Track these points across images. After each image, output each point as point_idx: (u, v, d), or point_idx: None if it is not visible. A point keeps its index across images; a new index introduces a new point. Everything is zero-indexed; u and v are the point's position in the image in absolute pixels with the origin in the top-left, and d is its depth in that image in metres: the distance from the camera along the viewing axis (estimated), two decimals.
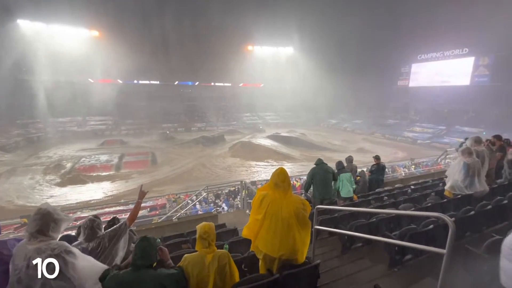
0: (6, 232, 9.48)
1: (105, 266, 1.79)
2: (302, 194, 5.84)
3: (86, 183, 19.37)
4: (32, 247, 1.54)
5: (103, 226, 3.56)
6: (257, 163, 24.48)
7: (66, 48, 39.51)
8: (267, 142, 30.48)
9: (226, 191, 14.31)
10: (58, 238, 1.76)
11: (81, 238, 2.28)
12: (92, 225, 2.27)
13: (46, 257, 1.51)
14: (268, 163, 24.31)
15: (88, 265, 1.69)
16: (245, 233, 2.33)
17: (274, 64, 55.87)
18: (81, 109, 40.04)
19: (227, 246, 3.28)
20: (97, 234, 2.26)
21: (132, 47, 41.92)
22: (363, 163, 15.55)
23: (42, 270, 1.49)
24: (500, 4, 31.74)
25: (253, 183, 14.70)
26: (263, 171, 22.08)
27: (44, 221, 1.60)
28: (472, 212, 3.30)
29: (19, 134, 32.84)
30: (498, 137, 5.69)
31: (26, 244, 1.56)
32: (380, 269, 2.92)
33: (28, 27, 38.36)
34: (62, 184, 19.02)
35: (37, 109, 35.49)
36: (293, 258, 2.12)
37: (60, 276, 1.52)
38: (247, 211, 7.71)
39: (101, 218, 2.49)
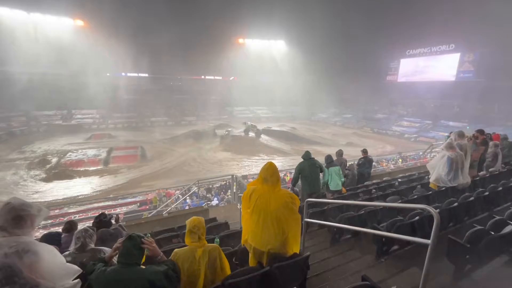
0: None
1: (75, 267, 1.67)
2: (289, 188, 5.89)
3: (73, 178, 18.91)
4: None
5: (92, 222, 3.51)
6: (248, 157, 24.50)
7: (49, 38, 37.89)
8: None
9: (217, 185, 14.30)
10: (32, 233, 1.60)
11: (72, 248, 2.24)
12: (85, 236, 2.25)
13: (1, 255, 1.39)
14: (259, 157, 24.36)
15: (55, 266, 1.55)
16: (242, 223, 2.39)
17: (265, 58, 55.54)
18: (66, 102, 38.75)
19: (218, 240, 3.29)
20: (88, 246, 2.22)
21: (120, 39, 40.56)
22: (352, 157, 15.79)
23: None
24: (486, 1, 32.44)
25: (244, 177, 14.75)
26: (254, 165, 22.12)
27: (11, 216, 1.49)
28: (456, 204, 3.42)
29: (1, 128, 31.51)
30: (481, 132, 5.95)
31: None
32: (368, 260, 3.00)
33: (7, 15, 36.48)
34: (47, 180, 18.49)
35: (19, 102, 34.09)
36: (281, 252, 2.14)
37: (15, 279, 1.38)
38: (238, 205, 7.74)
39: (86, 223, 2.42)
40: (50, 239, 3.07)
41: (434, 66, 44.20)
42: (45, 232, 3.78)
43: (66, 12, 39.69)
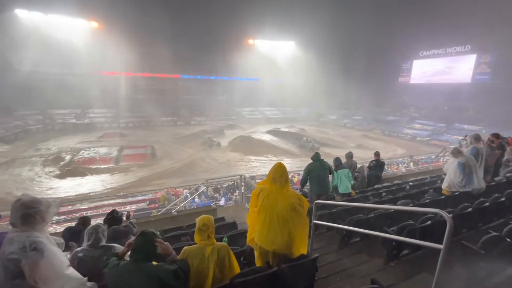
0: (6, 223, 9.51)
1: (80, 277, 1.68)
2: (297, 189, 5.86)
3: (86, 176, 19.41)
4: (10, 236, 1.51)
5: (103, 219, 3.59)
6: (257, 157, 24.52)
7: (64, 39, 39.02)
8: (267, 137, 30.50)
9: (225, 185, 14.37)
10: (44, 228, 1.64)
11: (84, 244, 2.27)
12: (97, 232, 2.26)
13: (12, 250, 1.45)
14: (267, 158, 24.36)
15: (55, 275, 1.53)
16: (247, 220, 2.41)
17: (275, 59, 55.45)
18: (80, 101, 39.81)
19: (226, 239, 3.31)
20: (100, 243, 2.25)
21: (132, 40, 41.47)
22: (362, 159, 15.57)
23: (5, 262, 1.44)
24: (503, 2, 31.42)
25: (252, 177, 14.76)
26: (262, 166, 22.13)
27: (22, 212, 1.54)
28: (470, 209, 3.33)
29: (18, 125, 32.69)
30: (496, 135, 5.74)
31: (9, 232, 1.54)
32: (377, 264, 2.96)
33: (26, 16, 37.82)
34: (61, 176, 19.05)
35: (36, 100, 35.25)
36: (287, 252, 2.14)
37: (21, 274, 1.44)
38: (246, 205, 7.75)
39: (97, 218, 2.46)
40: (70, 233, 3.17)
41: (448, 68, 43.11)
42: (68, 226, 3.88)
43: (81, 13, 40.83)
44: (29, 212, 1.55)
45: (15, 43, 34.28)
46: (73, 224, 3.92)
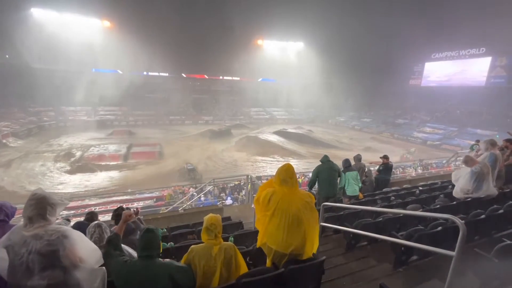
0: (18, 216, 9.77)
1: (99, 251, 1.77)
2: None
3: (95, 172, 19.80)
4: (29, 233, 1.51)
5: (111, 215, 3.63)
6: (263, 158, 24.51)
7: (78, 37, 39.96)
8: (274, 138, 30.45)
9: (231, 185, 14.41)
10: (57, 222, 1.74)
11: None
12: (100, 231, 2.28)
13: (44, 243, 1.49)
14: (274, 159, 24.32)
15: (88, 251, 1.66)
16: (257, 226, 2.35)
17: (283, 59, 55.34)
18: (91, 99, 40.67)
19: (232, 238, 3.31)
20: (101, 241, 2.23)
21: (142, 39, 42.13)
22: (370, 162, 15.35)
23: (40, 256, 1.48)
24: None
25: (259, 178, 14.75)
26: (268, 167, 22.10)
27: (42, 205, 1.58)
28: (483, 216, 3.24)
29: (32, 121, 33.63)
30: (510, 141, 5.55)
31: (22, 231, 1.53)
32: (385, 269, 2.91)
33: (41, 15, 38.88)
34: (71, 172, 19.51)
35: (49, 97, 36.22)
36: (302, 253, 2.12)
37: (56, 263, 1.51)
38: (252, 205, 7.75)
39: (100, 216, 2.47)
40: (79, 228, 3.21)
41: (462, 71, 42.07)
42: (77, 220, 3.96)
43: (94, 13, 41.78)
44: (53, 203, 1.63)
45: (30, 41, 35.24)
46: (82, 219, 3.99)
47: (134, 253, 2.15)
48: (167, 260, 1.79)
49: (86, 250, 1.65)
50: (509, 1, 31.24)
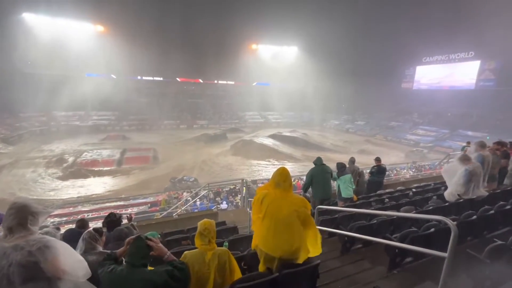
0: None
1: (86, 263, 1.70)
2: (300, 194, 5.81)
3: (88, 177, 19.49)
4: (9, 244, 1.42)
5: (102, 222, 3.57)
6: (258, 162, 24.49)
7: (71, 42, 39.64)
8: (269, 141, 30.48)
9: (226, 189, 14.33)
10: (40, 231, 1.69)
11: (78, 250, 2.20)
12: (90, 238, 2.23)
13: (25, 254, 1.41)
14: (269, 162, 24.32)
15: (72, 262, 1.59)
16: (253, 228, 2.36)
17: (278, 63, 55.74)
18: (84, 104, 40.21)
19: (226, 244, 3.27)
20: (95, 249, 2.20)
21: (136, 44, 42.01)
22: (364, 165, 15.48)
23: (21, 268, 1.40)
24: (508, 7, 31.41)
25: (254, 182, 14.72)
26: (264, 170, 22.08)
27: (22, 215, 1.50)
28: (474, 217, 3.28)
29: (22, 127, 33.02)
30: (501, 143, 5.65)
31: (2, 242, 1.45)
32: (379, 271, 2.91)
33: (33, 20, 38.48)
34: (64, 178, 19.16)
35: (40, 102, 35.67)
36: (293, 258, 2.10)
37: (39, 275, 1.43)
38: (248, 210, 7.71)
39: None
40: (71, 235, 3.14)
41: (452, 74, 43.05)
42: (68, 228, 3.87)
43: (87, 17, 41.52)
44: (35, 211, 1.55)
45: (22, 46, 34.78)
46: (73, 226, 3.92)
47: None
48: (153, 269, 1.73)
49: (71, 261, 1.57)
50: (497, 6, 32.10)
